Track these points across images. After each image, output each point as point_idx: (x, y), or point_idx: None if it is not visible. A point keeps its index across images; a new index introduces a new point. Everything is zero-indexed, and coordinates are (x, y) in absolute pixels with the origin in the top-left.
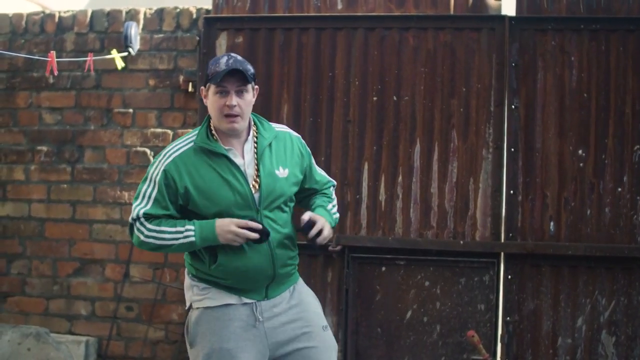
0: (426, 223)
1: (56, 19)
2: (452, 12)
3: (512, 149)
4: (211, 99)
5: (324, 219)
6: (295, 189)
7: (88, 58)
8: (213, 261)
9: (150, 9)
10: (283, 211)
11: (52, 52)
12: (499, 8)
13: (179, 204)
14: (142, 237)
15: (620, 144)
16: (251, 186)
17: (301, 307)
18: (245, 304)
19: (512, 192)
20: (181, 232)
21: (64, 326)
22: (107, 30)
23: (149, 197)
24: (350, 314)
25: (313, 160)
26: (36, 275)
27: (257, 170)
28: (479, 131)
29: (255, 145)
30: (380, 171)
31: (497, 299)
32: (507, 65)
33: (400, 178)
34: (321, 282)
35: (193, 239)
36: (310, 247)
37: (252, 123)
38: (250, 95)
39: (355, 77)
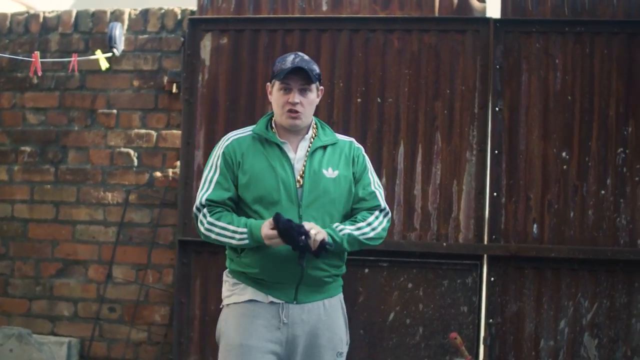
0: (409, 225)
1: (40, 19)
2: (436, 14)
3: (496, 151)
4: (275, 95)
5: (319, 227)
6: (344, 192)
7: (72, 58)
8: (241, 251)
9: (134, 9)
10: (331, 215)
11: (36, 52)
12: (484, 10)
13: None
14: (202, 229)
15: (603, 147)
16: (296, 180)
17: (328, 325)
18: (272, 303)
19: (495, 194)
20: (237, 233)
21: (46, 327)
22: (91, 30)
23: (211, 182)
24: None
25: (370, 173)
26: (19, 276)
27: (304, 166)
28: (462, 133)
29: (310, 144)
30: None
31: (479, 301)
32: (491, 67)
33: (383, 180)
34: None
35: (247, 241)
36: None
37: (314, 125)
38: (314, 95)
39: (339, 79)
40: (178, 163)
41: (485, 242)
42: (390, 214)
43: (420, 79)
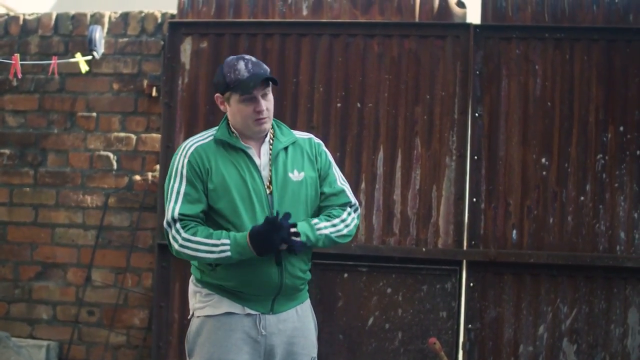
0: (389, 230)
1: (20, 22)
2: (417, 19)
3: (476, 157)
4: (236, 108)
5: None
6: (311, 193)
7: (52, 61)
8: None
9: (115, 12)
10: (299, 219)
11: (16, 54)
12: (464, 16)
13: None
14: (176, 246)
15: (583, 153)
16: (265, 187)
17: (302, 332)
18: (249, 315)
19: (475, 199)
20: (217, 246)
21: (25, 330)
22: (71, 33)
23: (178, 193)
24: None
25: (334, 169)
26: None
27: (270, 172)
28: (442, 139)
29: (271, 148)
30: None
31: (459, 307)
32: (471, 73)
33: (363, 185)
34: None
35: (229, 254)
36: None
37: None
38: (271, 95)
39: (319, 84)
40: (157, 167)
41: (465, 248)
42: (359, 209)
43: (400, 84)
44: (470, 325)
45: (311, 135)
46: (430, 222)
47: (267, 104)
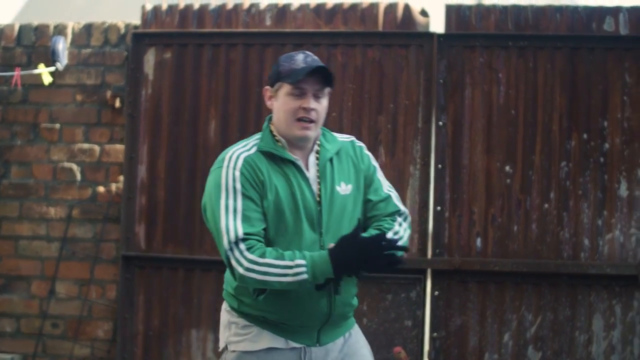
0: None
1: None
2: (380, 28)
3: (440, 166)
4: (283, 100)
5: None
6: (359, 207)
7: (15, 72)
8: (261, 290)
9: (78, 23)
10: None
11: None
12: (427, 25)
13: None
14: (241, 270)
15: (547, 161)
16: (317, 204)
17: (352, 358)
18: (293, 349)
19: (439, 208)
20: (290, 268)
21: None
22: (34, 44)
23: (235, 211)
24: None
25: (379, 174)
26: None
27: (319, 188)
28: (406, 147)
29: (317, 158)
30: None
31: (423, 315)
32: (435, 82)
33: None
34: None
35: (305, 276)
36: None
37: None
38: (326, 101)
39: None
40: (121, 178)
41: (429, 256)
42: (409, 218)
43: (363, 93)
44: (435, 334)
45: (352, 138)
46: None
47: (318, 106)
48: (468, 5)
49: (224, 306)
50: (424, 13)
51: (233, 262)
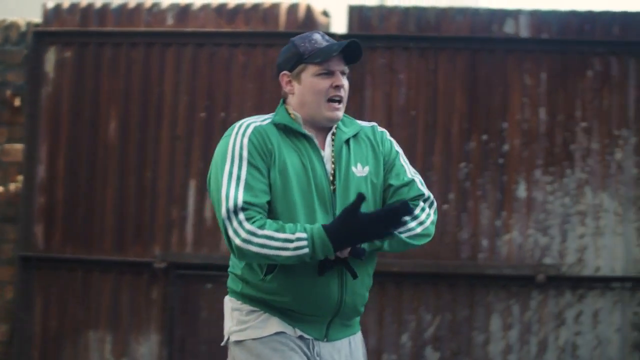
0: None
1: None
2: (282, 29)
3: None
4: (310, 82)
5: None
6: (378, 191)
7: None
8: (269, 269)
9: None
10: None
11: None
12: (328, 25)
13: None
14: (237, 241)
15: (446, 162)
16: (330, 184)
17: None
18: (302, 338)
19: None
20: (290, 241)
21: None
22: None
23: (239, 178)
24: (175, 332)
25: (402, 159)
26: None
27: (334, 168)
28: None
29: (333, 140)
30: (207, 187)
31: None
32: None
33: None
34: (145, 299)
35: (306, 250)
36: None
37: None
38: (347, 81)
39: (183, 93)
40: (20, 177)
41: None
42: (435, 203)
43: (264, 93)
44: None
45: (374, 123)
46: None
47: (346, 83)
48: (370, 6)
49: (226, 298)
50: (325, 14)
51: (230, 232)
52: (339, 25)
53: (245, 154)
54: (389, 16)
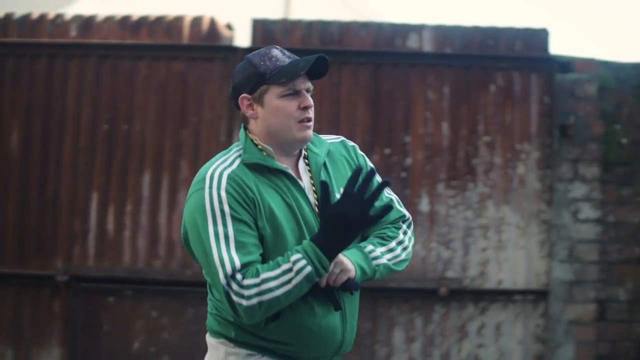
0: (154, 253)
1: None
2: (185, 41)
3: None
4: (274, 105)
5: (342, 258)
6: None
7: None
8: (272, 317)
9: None
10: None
11: None
12: (232, 38)
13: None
14: (245, 303)
15: None
16: (316, 216)
17: None
18: None
19: None
20: (289, 270)
21: None
22: None
23: (227, 238)
24: (77, 345)
25: (377, 176)
26: None
27: (317, 198)
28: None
29: (307, 163)
30: (109, 200)
31: None
32: None
33: (128, 207)
34: (47, 313)
35: (309, 268)
36: None
37: None
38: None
39: (86, 105)
40: None
41: None
42: (412, 223)
43: (167, 106)
44: None
45: (342, 137)
46: None
47: (312, 102)
48: (274, 19)
49: (212, 340)
50: (229, 27)
51: (235, 298)
52: (243, 38)
53: (226, 208)
54: (293, 30)
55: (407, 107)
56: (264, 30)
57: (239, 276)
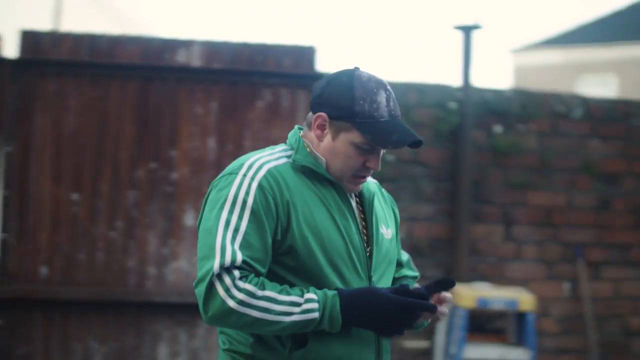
0: None
1: None
2: None
3: (7, 193)
4: (345, 148)
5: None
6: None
7: None
8: (297, 344)
9: None
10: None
11: None
12: (1, 49)
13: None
14: (232, 303)
15: (115, 189)
16: (364, 242)
17: None
18: None
19: (6, 235)
20: (297, 305)
21: None
22: None
23: (236, 230)
24: None
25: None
26: None
27: (365, 221)
28: None
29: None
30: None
31: None
32: (5, 108)
33: None
34: None
35: (316, 315)
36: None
37: None
38: None
39: None
40: None
41: None
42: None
43: None
44: None
45: (375, 181)
46: None
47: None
48: (43, 31)
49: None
50: None
51: (220, 291)
52: (10, 49)
53: (250, 201)
54: (62, 42)
55: (174, 122)
56: (32, 41)
57: (236, 273)
